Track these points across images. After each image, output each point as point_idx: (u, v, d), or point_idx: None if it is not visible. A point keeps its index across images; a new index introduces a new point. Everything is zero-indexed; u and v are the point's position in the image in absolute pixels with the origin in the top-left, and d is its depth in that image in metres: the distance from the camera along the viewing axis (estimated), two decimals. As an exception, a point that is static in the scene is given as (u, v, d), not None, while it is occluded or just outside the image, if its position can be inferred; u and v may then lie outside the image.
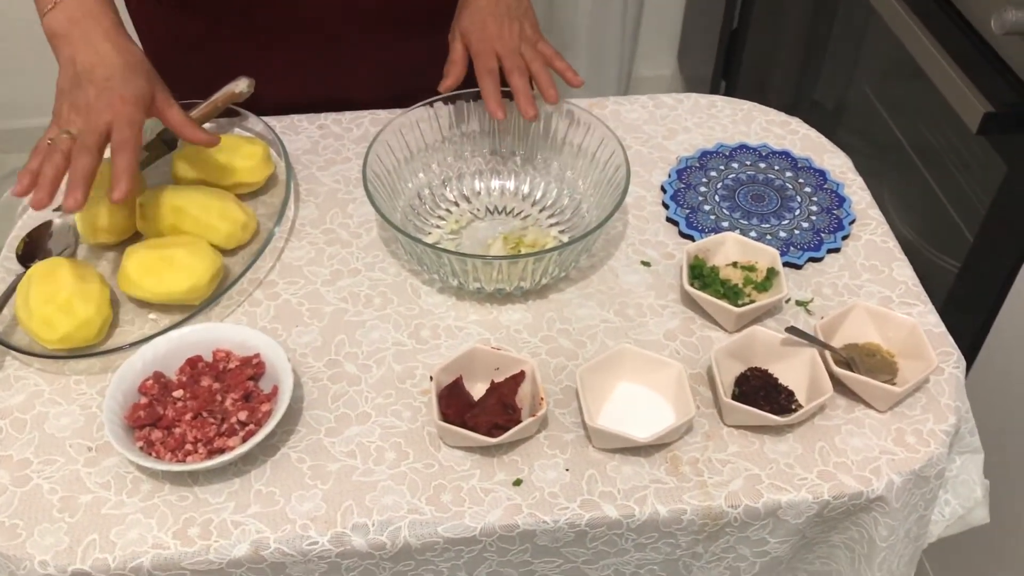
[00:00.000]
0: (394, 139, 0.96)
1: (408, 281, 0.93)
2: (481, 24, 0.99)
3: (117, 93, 0.84)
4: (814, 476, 0.77)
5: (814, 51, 1.89)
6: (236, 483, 0.77)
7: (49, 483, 0.77)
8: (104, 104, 0.84)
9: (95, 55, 0.86)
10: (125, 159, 0.82)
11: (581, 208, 0.98)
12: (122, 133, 0.83)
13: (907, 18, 1.27)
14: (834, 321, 0.85)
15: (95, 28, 0.87)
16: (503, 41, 0.98)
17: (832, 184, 1.02)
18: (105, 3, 0.89)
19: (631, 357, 0.82)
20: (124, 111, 0.83)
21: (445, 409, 0.78)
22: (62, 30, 0.87)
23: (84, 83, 0.85)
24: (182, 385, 0.79)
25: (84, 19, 0.87)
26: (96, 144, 0.82)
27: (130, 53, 0.88)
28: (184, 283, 0.85)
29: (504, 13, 0.99)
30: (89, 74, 0.85)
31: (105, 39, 0.87)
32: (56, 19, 0.87)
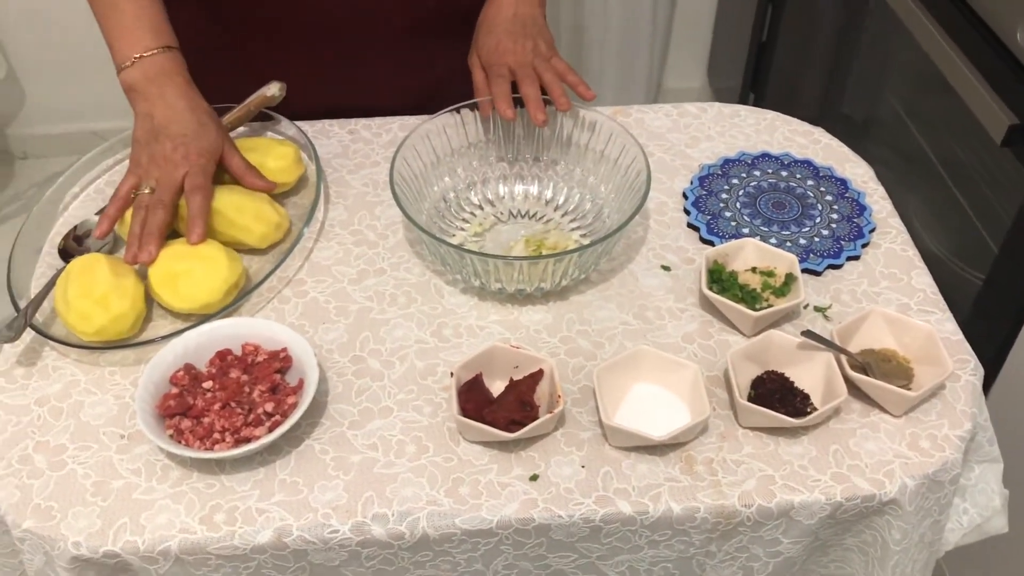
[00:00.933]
0: (421, 144, 0.98)
1: (432, 281, 0.95)
2: (496, 42, 1.03)
3: (192, 147, 0.92)
4: (827, 478, 0.78)
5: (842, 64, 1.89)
6: (261, 472, 0.79)
7: (83, 468, 0.80)
8: (180, 157, 0.91)
9: (171, 111, 0.93)
10: (198, 202, 0.91)
11: (603, 213, 0.99)
12: (195, 179, 0.92)
13: (933, 30, 1.28)
14: (851, 326, 0.86)
15: (170, 86, 0.94)
16: (516, 56, 1.01)
17: (853, 193, 1.03)
18: (178, 62, 0.96)
19: (648, 358, 0.84)
20: (198, 163, 0.92)
21: (464, 404, 0.80)
22: (139, 86, 0.94)
23: (161, 137, 0.92)
24: (211, 377, 0.82)
25: (159, 77, 0.94)
26: (171, 200, 0.91)
27: (202, 110, 0.95)
28: (197, 300, 0.88)
29: (519, 31, 1.03)
30: (166, 129, 0.92)
31: (180, 97, 0.94)
32: (133, 75, 0.94)
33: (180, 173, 0.91)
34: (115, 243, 0.99)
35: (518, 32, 1.03)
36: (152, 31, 0.94)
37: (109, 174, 1.08)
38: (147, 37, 0.94)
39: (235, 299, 0.90)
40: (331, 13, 1.09)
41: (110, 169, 1.08)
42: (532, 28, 1.03)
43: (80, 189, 1.06)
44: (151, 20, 0.95)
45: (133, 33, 0.94)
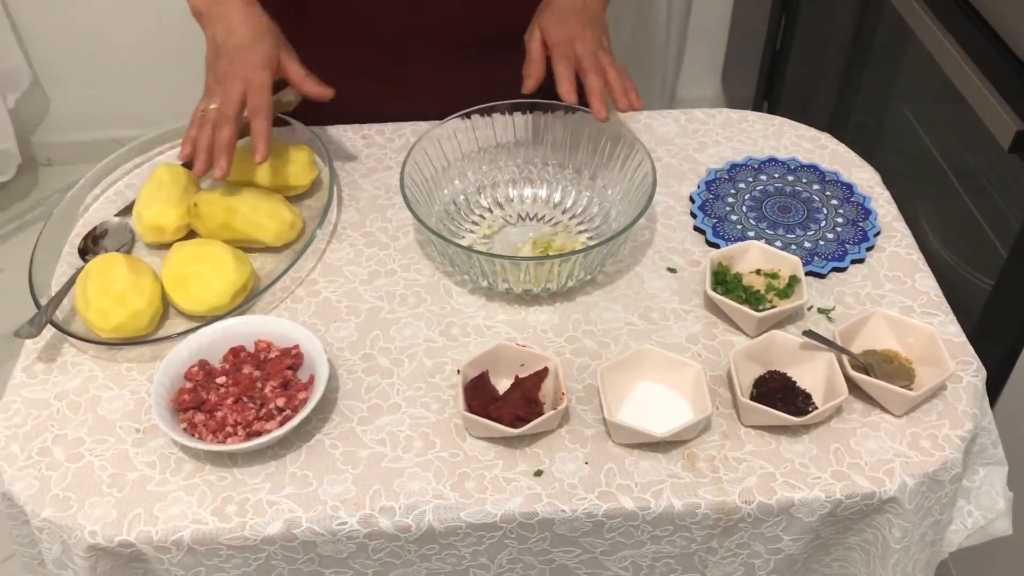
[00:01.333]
0: (432, 148, 1.00)
1: (441, 282, 0.97)
2: (563, 20, 1.01)
3: (246, 61, 0.95)
4: (828, 476, 0.79)
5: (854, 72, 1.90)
6: (272, 466, 0.81)
7: (100, 460, 0.82)
8: (237, 72, 0.94)
9: (228, 30, 0.97)
10: (260, 124, 0.94)
11: (610, 216, 1.01)
12: (254, 100, 0.94)
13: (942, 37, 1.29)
14: (853, 327, 0.87)
15: (230, 6, 0.98)
16: (584, 42, 1.00)
17: (859, 197, 1.05)
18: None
19: (652, 357, 0.85)
20: (254, 77, 0.94)
21: (471, 401, 0.82)
22: (203, 9, 0.99)
23: (221, 55, 0.96)
24: (225, 372, 0.84)
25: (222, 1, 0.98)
26: (234, 114, 0.94)
27: (256, 21, 0.98)
28: (205, 303, 0.90)
29: (587, 19, 1.01)
30: (224, 46, 0.97)
31: (237, 13, 0.98)
32: (199, 1, 0.98)
33: (239, 89, 0.93)
34: (133, 243, 1.02)
35: (586, 21, 1.01)
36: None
37: (129, 177, 1.11)
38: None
39: (244, 301, 0.92)
40: (389, 23, 1.11)
41: (129, 172, 1.11)
42: (598, 22, 1.02)
43: (101, 191, 1.09)
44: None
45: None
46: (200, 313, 0.91)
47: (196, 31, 1.00)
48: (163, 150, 1.13)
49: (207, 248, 0.92)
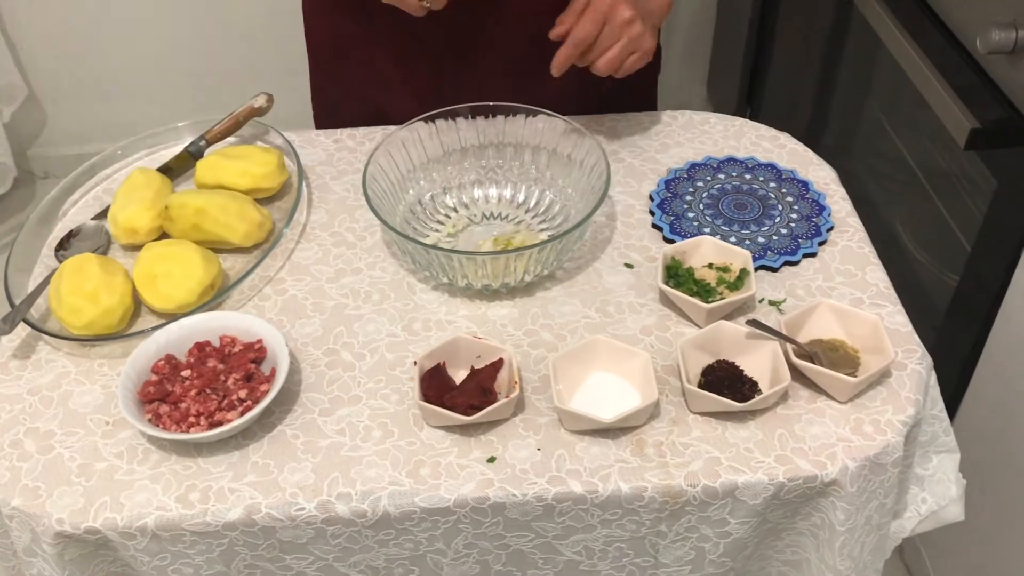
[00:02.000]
0: (397, 151, 1.04)
1: (405, 280, 1.00)
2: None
3: None
4: (771, 460, 0.82)
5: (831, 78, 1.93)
6: (236, 455, 0.84)
7: (69, 452, 0.85)
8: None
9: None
10: None
11: (571, 215, 1.04)
12: None
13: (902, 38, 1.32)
14: (799, 317, 0.90)
15: None
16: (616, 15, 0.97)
17: (814, 194, 1.07)
18: None
19: (603, 347, 0.88)
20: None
21: (426, 391, 0.84)
22: None
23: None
24: (190, 366, 0.87)
25: None
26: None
27: None
28: (173, 301, 0.93)
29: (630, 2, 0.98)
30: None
31: None
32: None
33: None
34: (108, 245, 1.05)
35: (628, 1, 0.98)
36: None
37: (107, 182, 1.14)
38: None
39: (212, 298, 0.95)
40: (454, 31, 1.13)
41: (108, 178, 1.15)
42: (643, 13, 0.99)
43: (80, 196, 1.12)
44: None
45: None
46: (169, 311, 0.94)
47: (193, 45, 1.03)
48: (140, 156, 1.17)
49: (176, 248, 0.96)
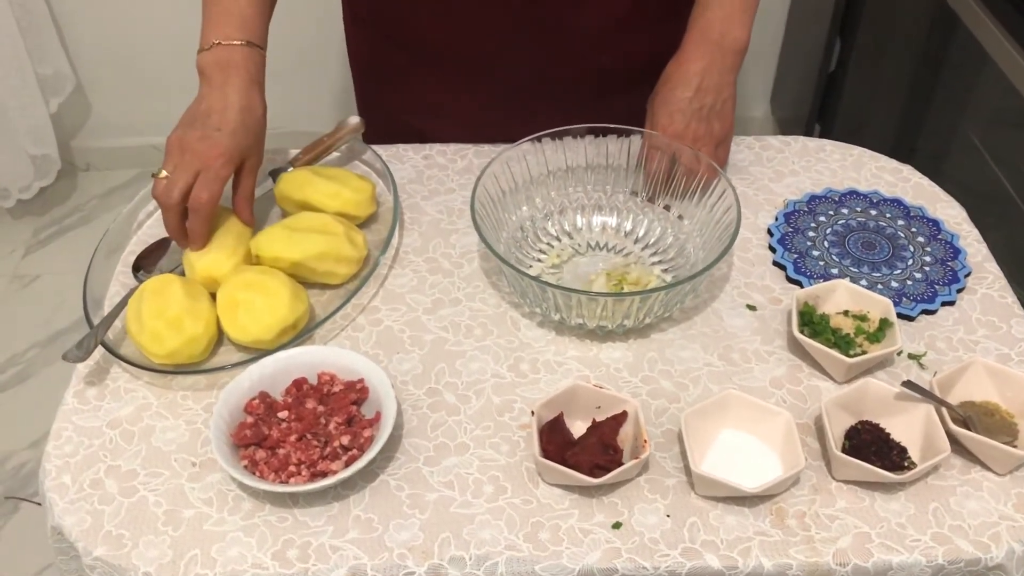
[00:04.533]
0: (501, 171, 0.96)
1: (508, 313, 0.93)
2: (668, 117, 0.98)
3: (218, 146, 0.88)
4: (928, 538, 0.74)
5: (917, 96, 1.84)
6: (335, 507, 0.77)
7: (155, 495, 0.78)
8: (202, 150, 0.88)
9: (220, 103, 0.91)
10: (197, 220, 0.89)
11: (686, 248, 0.96)
12: (200, 192, 0.88)
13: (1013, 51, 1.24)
14: (951, 377, 0.82)
15: (234, 78, 0.92)
16: (684, 141, 0.97)
17: (946, 235, 0.99)
18: (253, 59, 0.94)
19: (737, 403, 0.80)
20: (214, 167, 0.88)
21: (546, 445, 0.77)
22: (207, 71, 0.92)
23: (197, 125, 0.90)
24: (287, 406, 0.80)
25: (229, 68, 0.92)
26: (176, 202, 0.88)
27: (253, 113, 0.92)
28: (249, 335, 0.85)
29: (694, 112, 0.97)
30: (205, 118, 0.90)
31: (237, 92, 0.91)
32: (206, 60, 0.93)
33: (194, 168, 0.88)
34: (189, 264, 0.98)
35: (693, 112, 0.97)
36: (240, 24, 0.94)
37: (183, 193, 1.07)
38: (232, 27, 0.93)
39: (292, 339, 0.88)
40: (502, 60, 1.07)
41: (184, 188, 1.07)
42: (712, 109, 0.98)
43: (155, 207, 1.05)
44: (244, 14, 0.94)
45: (221, 21, 0.94)
46: (244, 343, 0.87)
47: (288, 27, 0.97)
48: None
49: (266, 277, 0.88)
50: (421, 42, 1.08)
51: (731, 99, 1.00)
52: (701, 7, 0.99)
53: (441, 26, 1.05)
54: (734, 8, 0.97)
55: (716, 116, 0.99)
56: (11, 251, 2.28)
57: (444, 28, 1.05)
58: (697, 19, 0.99)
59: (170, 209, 0.88)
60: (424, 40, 1.08)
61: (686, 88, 0.97)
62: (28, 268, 2.23)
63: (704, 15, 0.98)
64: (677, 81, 0.98)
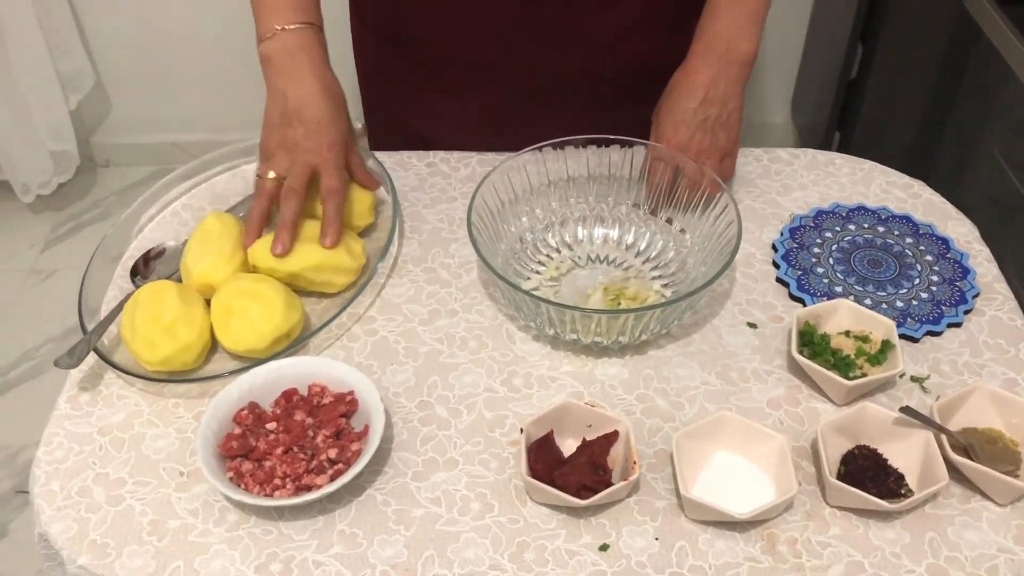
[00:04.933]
0: (500, 182, 0.95)
1: (504, 326, 0.92)
2: (673, 128, 0.96)
3: (325, 137, 0.90)
4: (923, 569, 0.72)
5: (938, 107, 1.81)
6: (320, 521, 0.76)
7: (141, 504, 0.78)
8: (312, 146, 0.89)
9: (306, 93, 0.90)
10: (334, 206, 0.90)
11: (687, 263, 0.95)
12: (330, 180, 0.90)
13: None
14: (953, 402, 0.80)
15: (308, 64, 0.91)
16: (688, 153, 0.96)
17: (955, 253, 0.97)
18: (318, 40, 0.93)
19: (731, 425, 0.79)
20: (331, 157, 0.89)
21: (534, 464, 0.76)
22: (276, 59, 0.91)
23: (294, 122, 0.90)
24: (276, 418, 0.79)
25: (299, 53, 0.91)
26: (302, 187, 0.89)
27: (337, 95, 0.92)
28: (243, 343, 0.85)
29: (699, 124, 0.96)
30: (299, 113, 0.89)
31: (315, 77, 0.90)
32: (273, 48, 0.91)
33: (310, 164, 0.88)
34: (187, 269, 0.98)
35: (698, 123, 0.95)
36: (296, 6, 0.92)
37: (187, 197, 1.07)
38: (289, 10, 0.92)
39: (285, 348, 0.87)
40: (505, 65, 1.06)
41: (187, 192, 1.07)
42: (718, 120, 0.96)
43: (157, 211, 1.05)
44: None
45: (277, 5, 0.92)
46: (237, 352, 0.86)
47: None
48: (221, 170, 1.09)
49: (260, 286, 0.87)
50: (424, 46, 1.08)
51: (737, 111, 0.98)
52: (708, 17, 0.97)
53: (443, 30, 1.05)
54: (742, 19, 0.95)
55: (722, 128, 0.97)
56: (29, 246, 2.30)
57: (446, 32, 1.05)
58: (704, 29, 0.97)
59: (295, 196, 0.88)
60: (427, 44, 1.07)
61: (691, 99, 0.96)
62: (46, 263, 2.25)
63: (711, 25, 0.96)
64: (682, 92, 0.97)
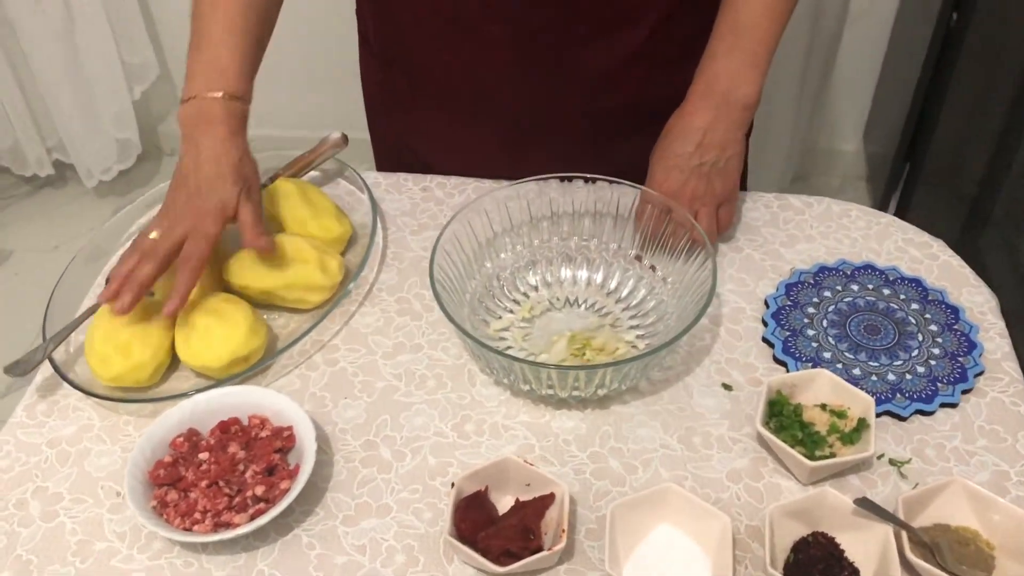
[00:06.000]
0: (477, 216, 0.92)
1: (467, 366, 0.89)
2: (665, 173, 0.92)
3: (200, 204, 0.86)
4: None
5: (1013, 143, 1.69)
6: (242, 558, 0.75)
7: (72, 523, 0.78)
8: (187, 213, 0.86)
9: (197, 161, 0.88)
10: (184, 275, 0.85)
11: (666, 314, 0.90)
12: (189, 248, 0.85)
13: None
14: (924, 495, 0.73)
15: (209, 134, 0.88)
16: (681, 199, 0.91)
17: (964, 325, 0.89)
18: (231, 112, 0.89)
19: (676, 498, 0.74)
20: (201, 224, 0.86)
21: (460, 522, 0.73)
22: (185, 128, 0.90)
23: (179, 188, 0.88)
24: (209, 448, 0.78)
25: (203, 122, 0.89)
26: (165, 253, 0.85)
27: (227, 159, 0.88)
28: (198, 360, 0.85)
29: (693, 169, 0.91)
30: (184, 180, 0.88)
31: (212, 147, 0.88)
32: (185, 112, 0.90)
33: (182, 230, 0.86)
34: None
35: (692, 169, 0.91)
36: (219, 76, 0.90)
37: (179, 207, 1.07)
38: (212, 80, 0.90)
39: (242, 372, 0.86)
40: (501, 94, 1.03)
41: (180, 202, 1.07)
42: (715, 166, 0.91)
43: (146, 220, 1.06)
44: (223, 66, 0.91)
45: (200, 72, 0.91)
46: (193, 368, 0.86)
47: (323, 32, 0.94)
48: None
49: (229, 307, 0.87)
50: (421, 71, 1.05)
51: (736, 157, 0.92)
52: (708, 58, 0.91)
53: (439, 56, 1.02)
54: (743, 62, 0.90)
55: (718, 174, 0.92)
56: (90, 229, 2.37)
57: (442, 59, 1.02)
58: (704, 71, 0.92)
59: (154, 260, 0.85)
60: (423, 69, 1.05)
61: (686, 143, 0.91)
62: (103, 247, 2.32)
63: (711, 67, 0.91)
64: (677, 134, 0.92)
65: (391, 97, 1.11)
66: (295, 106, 2.25)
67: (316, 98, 2.28)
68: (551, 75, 1.00)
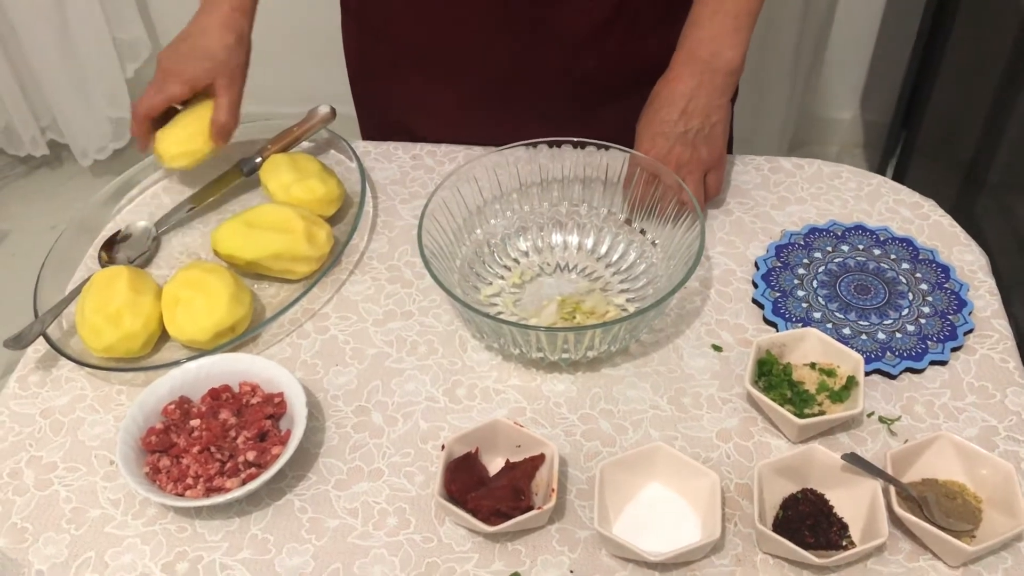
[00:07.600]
0: (465, 183, 0.92)
1: (458, 332, 0.89)
2: (651, 140, 0.92)
3: (176, 64, 0.97)
4: (851, 632, 0.67)
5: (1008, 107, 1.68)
6: (236, 523, 0.75)
7: (67, 491, 0.78)
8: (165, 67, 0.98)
9: (190, 28, 0.98)
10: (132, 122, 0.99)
11: (657, 278, 0.90)
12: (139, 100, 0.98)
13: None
14: (911, 451, 0.74)
15: (212, 10, 0.98)
16: (667, 166, 0.91)
17: (954, 284, 0.89)
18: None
19: (664, 457, 0.74)
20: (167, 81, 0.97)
21: (449, 484, 0.73)
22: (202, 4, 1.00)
23: (167, 48, 0.99)
24: (201, 415, 0.79)
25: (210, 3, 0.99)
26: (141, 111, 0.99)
27: (216, 36, 0.97)
28: (184, 334, 0.85)
29: (679, 136, 0.91)
30: (179, 42, 0.99)
31: (206, 19, 0.97)
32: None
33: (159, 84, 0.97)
34: (155, 251, 0.98)
35: (678, 136, 0.91)
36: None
37: (168, 180, 1.07)
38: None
39: (229, 341, 0.86)
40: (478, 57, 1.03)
41: (169, 176, 1.07)
42: (699, 133, 0.91)
43: (139, 192, 1.06)
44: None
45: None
46: (181, 342, 0.86)
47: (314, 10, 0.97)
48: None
49: (210, 277, 0.86)
50: (402, 36, 1.05)
51: (721, 123, 0.92)
52: (691, 25, 0.91)
53: (417, 20, 1.02)
54: (726, 27, 0.89)
55: (703, 141, 0.92)
56: (86, 208, 2.37)
57: (420, 22, 1.02)
58: (687, 37, 0.91)
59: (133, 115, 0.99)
60: (404, 34, 1.05)
61: (671, 109, 0.91)
62: (99, 226, 2.32)
63: (694, 33, 0.90)
64: (662, 102, 0.91)
65: (372, 63, 1.11)
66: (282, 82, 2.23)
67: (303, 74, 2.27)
68: (526, 36, 1.00)
